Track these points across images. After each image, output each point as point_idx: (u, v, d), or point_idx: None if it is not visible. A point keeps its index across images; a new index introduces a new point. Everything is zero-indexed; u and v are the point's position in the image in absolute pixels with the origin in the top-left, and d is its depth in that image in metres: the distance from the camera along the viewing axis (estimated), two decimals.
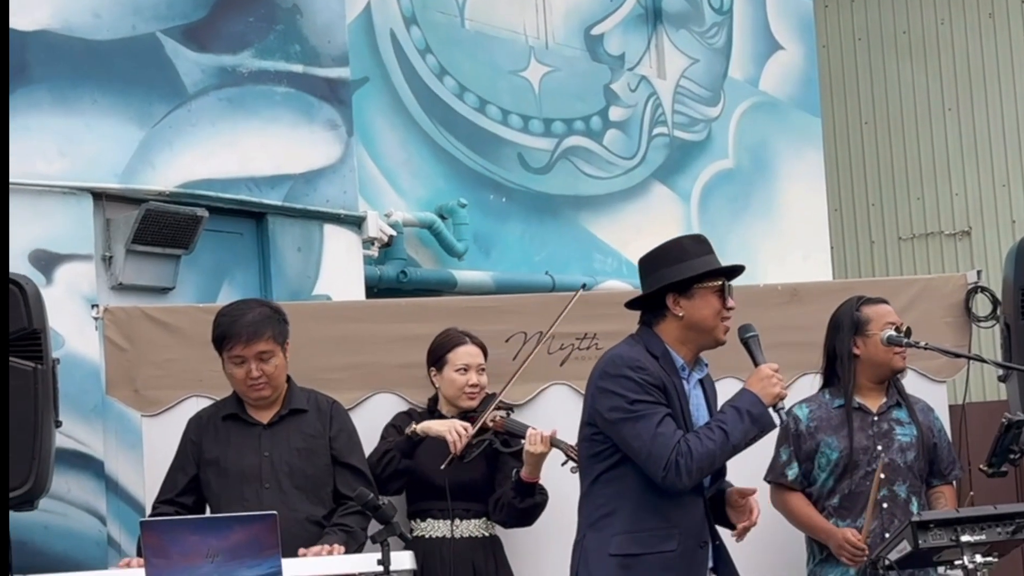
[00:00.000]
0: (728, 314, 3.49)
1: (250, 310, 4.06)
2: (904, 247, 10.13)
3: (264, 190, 5.84)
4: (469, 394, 4.27)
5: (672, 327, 3.49)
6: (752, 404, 3.40)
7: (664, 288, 3.48)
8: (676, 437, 3.37)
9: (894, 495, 4.16)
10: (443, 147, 7.25)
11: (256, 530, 3.52)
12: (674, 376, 3.46)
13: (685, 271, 3.45)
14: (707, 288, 3.47)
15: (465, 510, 4.18)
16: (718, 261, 3.52)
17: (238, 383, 4.04)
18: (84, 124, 5.27)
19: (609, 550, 3.43)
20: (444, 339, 4.35)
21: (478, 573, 4.17)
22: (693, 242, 3.55)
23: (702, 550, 3.42)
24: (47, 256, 5.07)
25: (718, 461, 3.41)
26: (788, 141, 8.98)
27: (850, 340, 4.22)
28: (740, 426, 3.37)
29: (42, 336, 4.16)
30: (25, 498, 4.10)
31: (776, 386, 3.42)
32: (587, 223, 7.93)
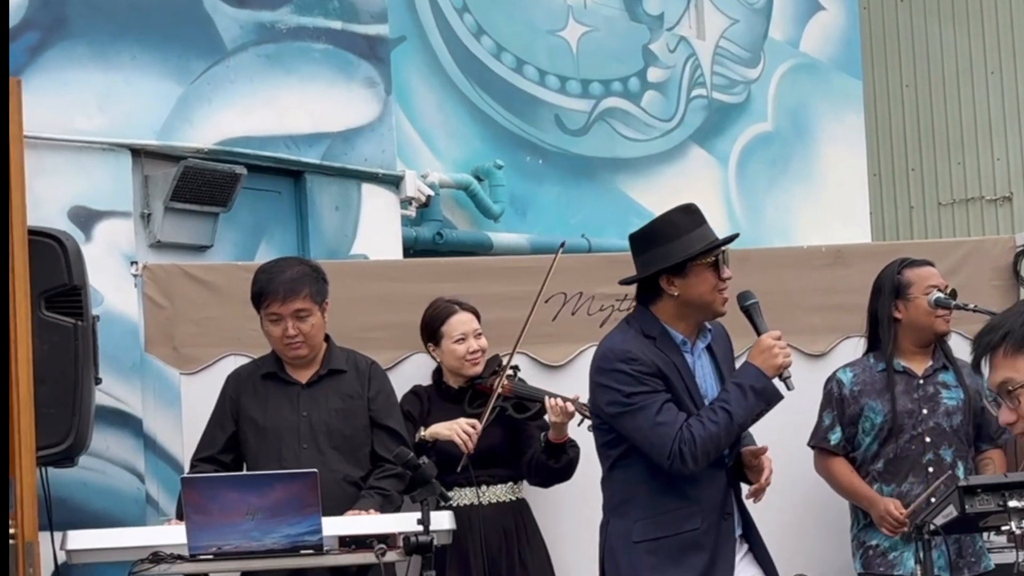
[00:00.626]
0: (724, 285, 3.41)
1: (288, 267, 4.03)
2: (944, 212, 10.01)
3: (302, 148, 5.81)
4: (472, 360, 4.23)
5: (669, 305, 3.42)
6: (755, 379, 3.34)
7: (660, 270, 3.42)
8: (678, 424, 3.32)
9: (940, 459, 4.11)
10: (480, 108, 7.20)
11: (296, 488, 3.51)
12: (674, 354, 3.40)
13: (676, 252, 3.36)
14: (700, 265, 3.38)
15: (490, 476, 4.16)
16: (711, 233, 3.43)
17: (275, 341, 4.02)
18: (123, 80, 5.25)
19: (633, 537, 3.40)
20: (434, 312, 4.29)
21: (508, 537, 4.16)
22: (683, 216, 3.44)
23: (727, 521, 3.39)
24: (86, 213, 5.06)
25: (724, 442, 3.35)
26: (828, 104, 8.87)
27: (891, 304, 4.16)
28: (744, 404, 3.32)
29: (82, 292, 4.15)
30: (65, 454, 4.10)
31: (778, 356, 3.35)
32: (624, 186, 7.87)
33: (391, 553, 3.58)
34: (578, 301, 4.60)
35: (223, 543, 3.52)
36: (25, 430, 3.69)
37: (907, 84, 10.17)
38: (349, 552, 3.64)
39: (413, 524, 3.52)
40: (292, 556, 3.55)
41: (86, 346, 4.17)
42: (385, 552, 3.56)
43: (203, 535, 3.50)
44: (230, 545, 3.51)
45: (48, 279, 4.06)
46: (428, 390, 4.32)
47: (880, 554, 4.11)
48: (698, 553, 3.36)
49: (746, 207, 8.36)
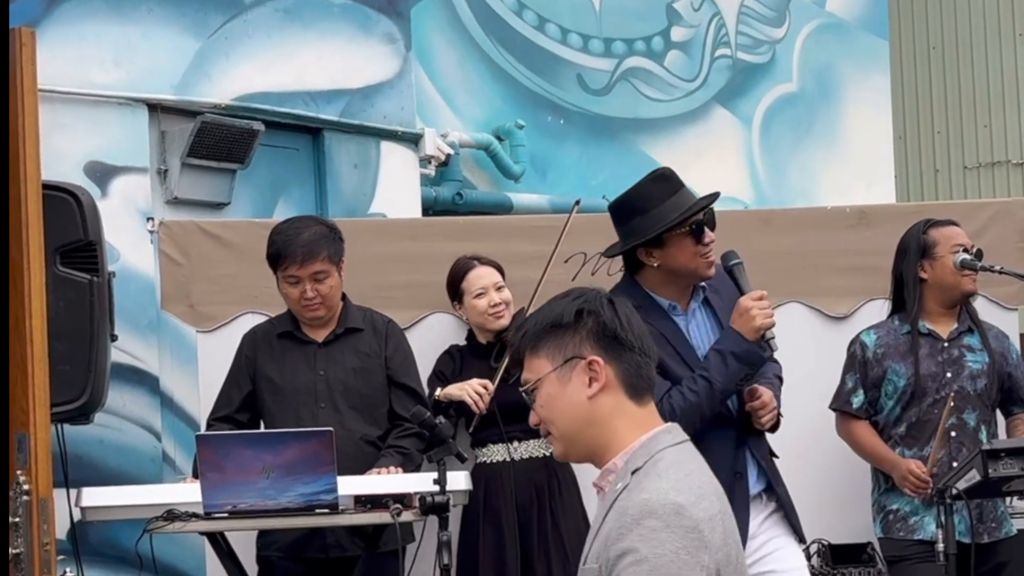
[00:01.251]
0: (707, 250, 3.35)
1: (306, 228, 3.98)
2: (969, 176, 9.90)
3: (320, 105, 5.76)
4: (495, 314, 4.20)
5: (652, 275, 3.39)
6: (735, 343, 3.29)
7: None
8: (659, 394, 3.24)
9: (963, 423, 4.05)
10: (501, 66, 7.13)
11: (312, 446, 3.49)
12: (660, 320, 3.35)
13: (650, 224, 3.31)
14: (677, 234, 3.32)
15: (523, 431, 4.12)
16: (688, 198, 3.37)
17: (292, 303, 3.99)
18: (140, 33, 5.20)
19: None
20: (454, 270, 4.28)
21: (542, 495, 4.12)
22: (657, 184, 3.39)
23: (739, 481, 3.34)
24: (102, 168, 5.03)
25: (707, 409, 3.30)
26: (854, 64, 8.75)
27: (916, 264, 4.10)
28: (724, 371, 3.28)
29: (98, 248, 4.11)
30: (81, 411, 4.07)
31: (756, 318, 3.28)
32: (646, 146, 7.79)
33: (407, 513, 3.55)
34: (597, 261, 4.55)
35: (238, 501, 3.50)
36: (39, 386, 3.66)
37: (934, 46, 10.03)
38: (364, 511, 3.62)
39: (429, 484, 3.50)
40: (307, 515, 3.53)
41: (102, 302, 4.13)
42: (401, 512, 3.53)
43: (218, 493, 3.48)
44: (245, 503, 3.49)
45: (63, 234, 4.02)
46: (462, 349, 4.31)
47: (901, 518, 4.07)
48: None
49: (769, 169, 8.27)
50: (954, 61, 9.97)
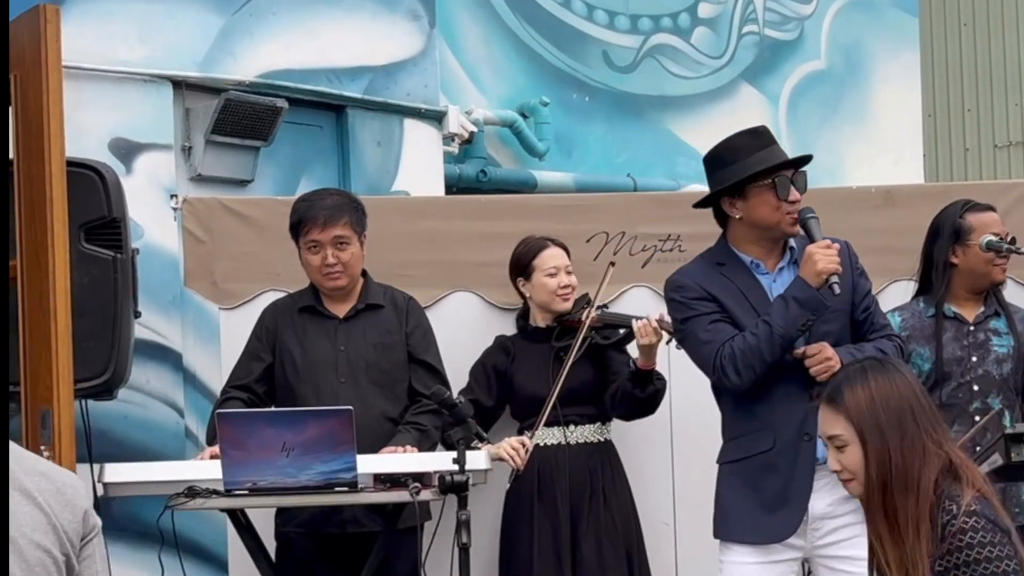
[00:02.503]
0: (791, 207, 3.39)
1: (328, 196, 4.02)
2: (1000, 155, 9.81)
3: (344, 82, 5.75)
4: (563, 296, 4.19)
5: (737, 227, 3.47)
6: (798, 289, 3.32)
7: (719, 192, 3.44)
8: (722, 339, 3.38)
9: (987, 407, 4.02)
10: (526, 43, 7.10)
11: (332, 424, 3.49)
12: (743, 277, 3.43)
13: (733, 174, 3.39)
14: (760, 186, 3.39)
15: (579, 415, 4.12)
16: (776, 154, 3.42)
17: (314, 271, 3.98)
18: (165, 11, 5.20)
19: (721, 459, 3.51)
20: (526, 247, 4.25)
21: (594, 478, 4.11)
22: (747, 137, 3.46)
23: (807, 443, 3.35)
24: (127, 145, 5.04)
25: (767, 353, 3.33)
26: (883, 41, 8.67)
27: (949, 248, 4.05)
28: (785, 314, 3.31)
29: (122, 225, 4.14)
30: (104, 387, 4.11)
31: (819, 262, 3.31)
32: (671, 124, 7.76)
33: (426, 492, 3.56)
34: (620, 241, 4.53)
35: (258, 479, 3.51)
36: (63, 362, 3.69)
37: (965, 23, 9.93)
38: (384, 490, 3.63)
39: (448, 463, 3.50)
40: (326, 493, 3.54)
41: (125, 279, 4.15)
42: (420, 491, 3.54)
43: (238, 471, 3.49)
44: (265, 481, 3.50)
45: (87, 211, 4.04)
46: (512, 339, 4.28)
47: None
48: (772, 475, 3.36)
49: (797, 147, 8.21)
50: (985, 38, 9.87)
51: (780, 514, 3.35)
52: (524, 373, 4.17)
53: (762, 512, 3.37)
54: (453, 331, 4.30)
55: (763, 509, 3.37)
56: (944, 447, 2.35)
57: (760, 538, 3.37)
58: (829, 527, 3.36)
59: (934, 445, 2.35)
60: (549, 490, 4.06)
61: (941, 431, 2.40)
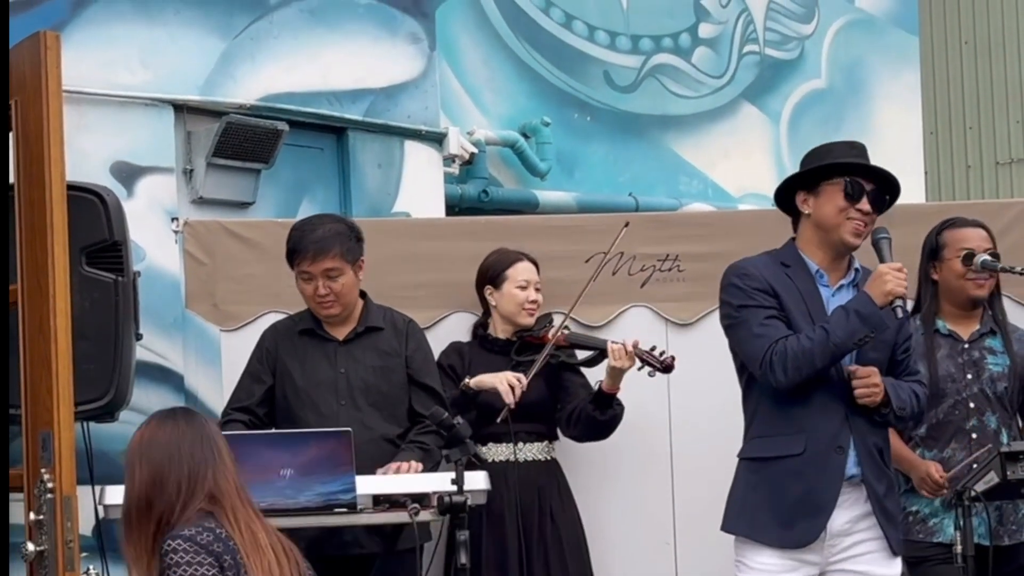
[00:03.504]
0: (857, 215, 3.41)
1: (321, 225, 4.01)
2: (1002, 172, 9.82)
3: (345, 104, 5.79)
4: (529, 310, 4.23)
5: (806, 227, 3.49)
6: (861, 304, 3.33)
7: (795, 186, 3.47)
8: (775, 337, 3.36)
9: (984, 425, 4.03)
10: (527, 64, 7.13)
11: (331, 446, 3.52)
12: (805, 282, 3.44)
13: (807, 166, 3.44)
14: (832, 184, 3.42)
15: (528, 433, 4.15)
16: (864, 161, 3.46)
17: (307, 299, 4.02)
18: (167, 35, 5.24)
19: (743, 454, 3.48)
20: (501, 256, 4.29)
21: (543, 495, 4.15)
22: (843, 145, 3.54)
23: (838, 456, 3.35)
24: (128, 168, 5.07)
25: (818, 360, 3.33)
26: (884, 60, 8.70)
27: (928, 265, 4.09)
28: (844, 325, 3.31)
29: (123, 248, 4.16)
30: (106, 409, 4.13)
31: (889, 283, 3.32)
32: (673, 144, 7.78)
33: (425, 512, 3.58)
34: (619, 261, 4.55)
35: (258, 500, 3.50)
36: (63, 385, 3.70)
37: (966, 40, 9.95)
38: (383, 511, 3.64)
39: (447, 484, 3.51)
40: (326, 514, 3.56)
41: (126, 302, 4.17)
42: (419, 511, 3.56)
43: None
44: (264, 502, 3.47)
45: (89, 234, 4.07)
46: (468, 345, 4.31)
47: (920, 520, 4.05)
48: (797, 480, 3.35)
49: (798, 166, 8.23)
50: (986, 56, 9.89)
51: (803, 521, 3.34)
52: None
53: (786, 516, 3.35)
54: None
55: (787, 513, 3.35)
56: (205, 489, 2.62)
57: (785, 542, 3.35)
58: (846, 543, 3.38)
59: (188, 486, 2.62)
60: (497, 506, 4.05)
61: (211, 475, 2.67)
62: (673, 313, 4.52)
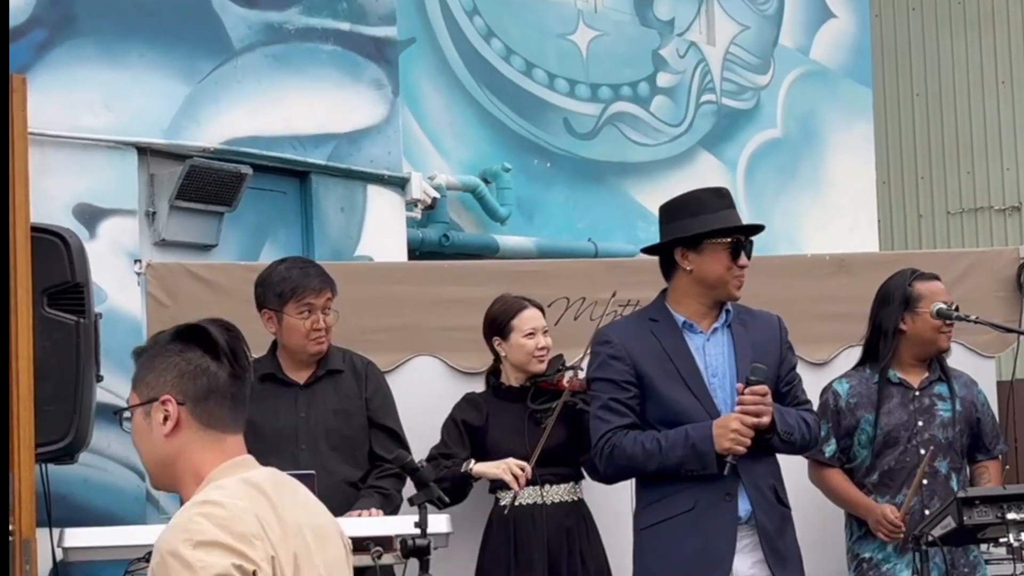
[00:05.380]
0: (739, 272, 3.46)
1: (312, 263, 4.13)
2: (953, 221, 9.99)
3: (308, 149, 5.82)
4: (539, 357, 4.19)
5: (682, 280, 3.50)
6: (702, 439, 3.36)
7: (674, 241, 3.47)
8: (613, 424, 3.43)
9: (935, 471, 4.09)
10: (488, 110, 7.20)
11: None
12: (671, 337, 3.46)
13: (694, 226, 3.43)
14: (717, 244, 3.44)
15: (554, 475, 4.13)
16: (736, 217, 3.50)
17: (299, 336, 4.00)
18: (131, 78, 5.26)
19: (640, 525, 3.50)
20: (505, 306, 4.25)
21: (571, 537, 4.12)
22: (712, 195, 3.53)
23: (728, 503, 3.38)
24: (91, 210, 5.07)
25: (640, 469, 3.43)
26: (838, 111, 8.86)
27: (899, 315, 4.14)
28: (679, 451, 3.38)
29: (84, 290, 4.16)
30: (65, 451, 4.11)
31: (725, 440, 3.34)
32: (632, 190, 7.87)
33: (387, 555, 3.57)
34: (581, 306, 4.59)
35: None
36: (24, 427, 3.70)
37: (917, 93, 10.15)
38: None
39: (410, 527, 3.52)
40: None
41: (88, 343, 4.17)
42: (381, 555, 3.55)
43: None
44: None
45: (51, 276, 4.06)
46: (483, 396, 4.28)
47: (874, 566, 4.10)
48: (693, 535, 3.38)
49: (754, 213, 8.34)
50: (937, 108, 10.08)
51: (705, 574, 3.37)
52: (499, 432, 4.18)
53: (689, 572, 3.38)
54: (415, 395, 4.33)
55: (687, 570, 3.38)
56: None
57: None
58: None
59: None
60: (525, 549, 4.06)
61: None
62: None
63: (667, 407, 3.42)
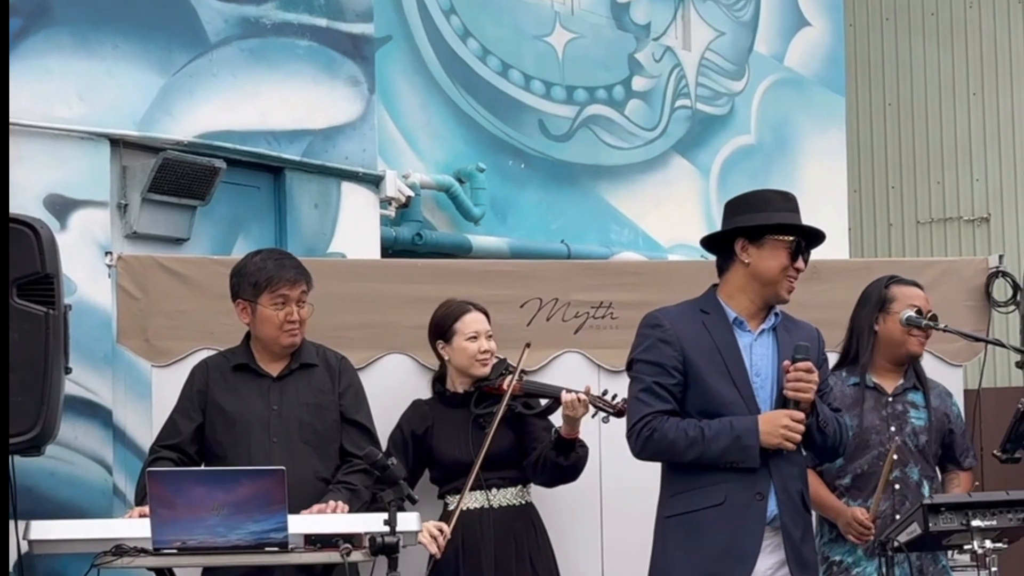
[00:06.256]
0: (795, 274, 3.48)
1: (287, 255, 4.11)
2: (922, 231, 10.06)
3: (283, 144, 5.80)
4: (482, 361, 4.21)
5: (737, 274, 3.50)
6: (748, 433, 3.36)
7: (736, 232, 3.49)
8: (653, 408, 3.40)
9: (906, 477, 4.13)
10: (464, 110, 7.20)
11: (264, 484, 3.50)
12: (722, 331, 3.46)
13: (760, 219, 3.45)
14: (778, 241, 3.46)
15: (501, 479, 4.13)
16: (799, 220, 3.52)
17: (273, 328, 3.99)
18: (105, 69, 5.23)
19: (665, 512, 3.49)
20: (448, 310, 4.26)
21: (519, 541, 4.13)
22: (779, 197, 3.56)
23: (759, 502, 3.38)
24: (62, 201, 5.04)
25: (678, 456, 3.40)
26: (811, 119, 8.91)
27: (873, 316, 4.18)
28: (721, 442, 3.36)
29: (55, 281, 4.13)
30: (32, 443, 4.07)
31: (775, 437, 3.35)
32: (605, 193, 7.88)
33: (356, 553, 3.56)
34: (553, 307, 4.60)
35: (187, 538, 3.49)
36: None
37: (890, 102, 10.22)
38: (314, 551, 3.62)
39: (379, 524, 3.51)
40: (257, 553, 3.53)
41: (57, 335, 4.13)
42: (351, 552, 3.54)
43: (168, 529, 3.48)
44: (194, 540, 3.49)
45: (21, 267, 4.03)
46: (429, 403, 4.28)
47: (844, 569, 4.13)
48: (719, 530, 3.37)
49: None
50: (909, 118, 10.16)
51: (728, 571, 3.36)
52: (444, 439, 4.18)
53: (712, 565, 3.37)
54: (387, 393, 4.32)
55: (713, 564, 3.37)
56: None
57: None
58: None
59: None
60: (473, 554, 4.05)
61: None
62: (605, 360, 4.57)
63: (710, 399, 3.42)
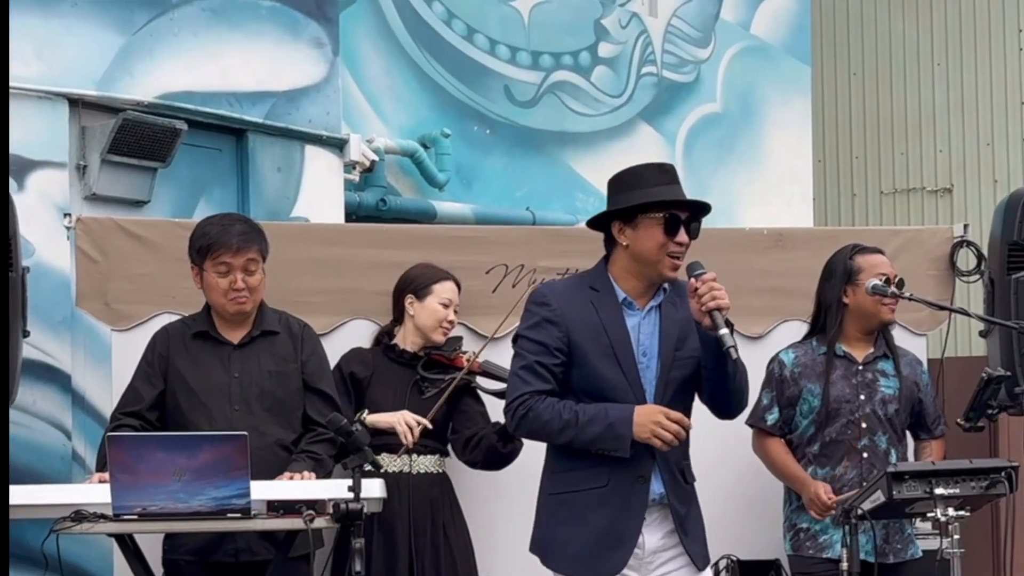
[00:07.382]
0: (676, 249, 3.35)
1: (238, 221, 4.02)
2: (886, 201, 10.08)
3: (245, 106, 5.73)
4: (444, 328, 4.23)
5: (620, 256, 3.41)
6: (622, 422, 3.29)
7: (611, 215, 3.40)
8: (532, 388, 3.34)
9: (874, 445, 4.15)
10: (429, 75, 7.13)
11: (226, 450, 3.47)
12: (610, 311, 3.38)
13: (631, 200, 3.35)
14: (651, 219, 3.34)
15: (423, 446, 4.13)
16: (676, 193, 3.39)
17: (218, 295, 3.94)
18: (63, 27, 5.14)
19: (549, 489, 3.44)
20: (429, 270, 4.28)
21: (435, 507, 4.15)
22: (653, 170, 3.43)
23: (641, 485, 3.35)
24: (20, 162, 4.95)
25: (552, 437, 3.37)
26: (777, 88, 8.89)
27: (841, 288, 4.18)
28: (594, 428, 3.29)
29: (12, 243, 4.07)
30: None
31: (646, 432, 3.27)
32: (570, 160, 7.84)
33: (320, 519, 3.54)
34: (519, 273, 4.58)
35: (148, 504, 3.46)
36: None
37: (855, 72, 10.21)
38: (277, 517, 3.60)
39: (343, 491, 3.49)
40: (218, 519, 3.50)
41: (14, 298, 4.08)
42: (314, 518, 3.52)
43: (128, 495, 3.44)
44: (155, 506, 3.46)
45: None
46: (372, 352, 4.28)
47: (811, 536, 4.14)
48: (602, 510, 3.34)
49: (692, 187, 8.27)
50: (874, 88, 10.15)
51: (608, 552, 3.34)
52: (380, 390, 4.18)
53: (593, 547, 3.34)
54: None
55: (593, 544, 3.34)
56: None
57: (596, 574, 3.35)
58: (662, 559, 3.39)
59: None
60: (389, 516, 4.02)
61: None
62: None
63: (594, 380, 3.37)
